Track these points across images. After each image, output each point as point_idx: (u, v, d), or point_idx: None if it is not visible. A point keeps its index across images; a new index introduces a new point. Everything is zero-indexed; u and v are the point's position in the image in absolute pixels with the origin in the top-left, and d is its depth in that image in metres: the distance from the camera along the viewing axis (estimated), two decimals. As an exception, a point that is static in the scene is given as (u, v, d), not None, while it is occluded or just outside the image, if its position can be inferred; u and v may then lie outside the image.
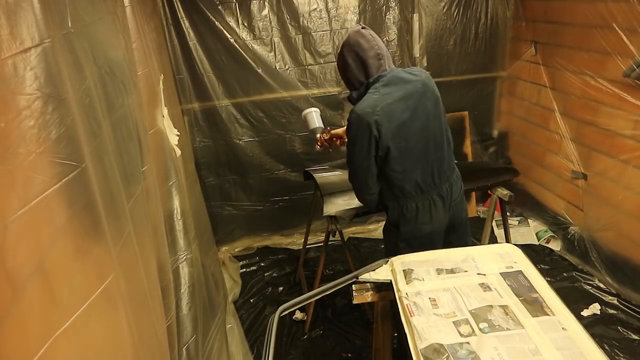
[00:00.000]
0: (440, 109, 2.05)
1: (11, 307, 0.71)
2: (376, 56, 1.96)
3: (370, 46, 1.96)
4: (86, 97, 0.99)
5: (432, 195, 2.06)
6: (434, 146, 2.02)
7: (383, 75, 1.96)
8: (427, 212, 2.06)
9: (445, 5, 3.54)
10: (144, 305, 1.19)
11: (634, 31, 2.50)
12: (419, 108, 1.96)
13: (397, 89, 1.94)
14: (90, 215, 0.94)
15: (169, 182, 1.90)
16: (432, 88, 2.02)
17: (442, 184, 2.07)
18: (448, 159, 2.08)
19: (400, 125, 1.93)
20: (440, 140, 2.04)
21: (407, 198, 2.04)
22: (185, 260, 1.88)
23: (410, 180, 2.00)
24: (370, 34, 1.99)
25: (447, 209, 2.09)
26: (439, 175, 2.05)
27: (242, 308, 3.12)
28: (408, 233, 2.09)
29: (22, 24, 0.79)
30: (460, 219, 2.19)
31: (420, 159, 2.00)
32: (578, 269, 3.20)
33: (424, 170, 2.01)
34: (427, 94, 1.99)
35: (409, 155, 1.97)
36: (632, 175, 2.71)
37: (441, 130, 2.04)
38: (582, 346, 1.30)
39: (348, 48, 1.99)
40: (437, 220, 2.08)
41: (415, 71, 2.04)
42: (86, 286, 0.91)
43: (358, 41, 1.97)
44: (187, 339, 1.77)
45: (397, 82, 1.95)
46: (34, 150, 0.79)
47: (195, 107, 3.45)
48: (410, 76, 1.99)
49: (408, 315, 1.46)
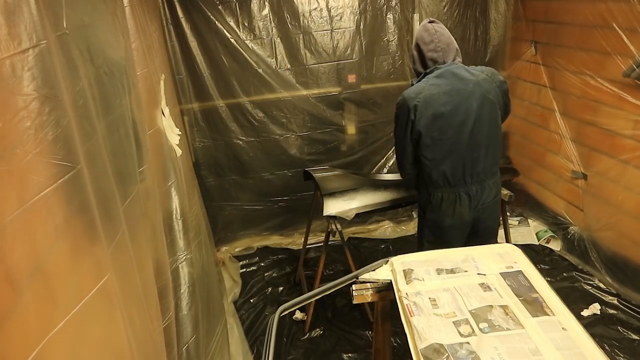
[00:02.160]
0: (490, 113, 2.08)
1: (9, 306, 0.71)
2: (435, 49, 2.08)
3: (430, 40, 2.09)
4: (80, 99, 0.99)
5: (459, 191, 2.14)
6: (471, 145, 2.08)
7: (438, 68, 2.08)
8: (451, 205, 2.15)
9: (446, 5, 3.54)
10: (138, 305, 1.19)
11: (634, 31, 2.50)
12: (462, 105, 2.04)
13: (447, 82, 2.04)
14: (86, 215, 0.94)
15: (168, 181, 1.90)
16: (486, 90, 2.06)
17: (472, 183, 2.13)
18: (485, 163, 2.13)
19: (438, 116, 2.03)
20: (479, 142, 2.09)
21: (435, 187, 2.16)
22: (185, 260, 1.88)
23: (438, 171, 2.10)
24: (434, 27, 2.10)
25: (472, 209, 2.16)
26: (470, 174, 2.12)
27: (242, 308, 3.12)
28: (431, 220, 2.22)
29: (20, 25, 0.79)
30: (486, 225, 2.25)
31: (452, 153, 2.08)
32: (578, 269, 3.19)
33: (454, 165, 2.09)
34: (477, 93, 2.04)
35: (441, 146, 2.07)
36: (632, 175, 2.71)
37: (482, 133, 2.09)
38: (582, 346, 1.30)
39: (415, 41, 2.16)
40: (460, 216, 2.16)
41: (476, 71, 2.11)
42: (83, 285, 0.91)
43: (422, 35, 2.12)
44: (187, 339, 1.77)
45: (449, 77, 2.05)
46: (31, 151, 0.79)
47: (195, 107, 3.45)
48: (466, 74, 2.06)
49: (408, 315, 1.46)
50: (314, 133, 3.65)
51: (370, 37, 3.50)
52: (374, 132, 3.77)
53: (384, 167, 3.84)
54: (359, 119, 3.72)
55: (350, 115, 3.69)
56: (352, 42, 3.48)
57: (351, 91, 3.61)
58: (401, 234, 3.87)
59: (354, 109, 3.69)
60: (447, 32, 2.13)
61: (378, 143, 3.80)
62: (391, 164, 3.84)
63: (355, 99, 3.64)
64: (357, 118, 3.72)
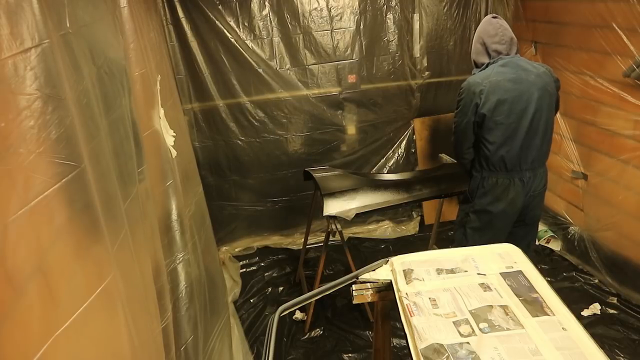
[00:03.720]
0: (548, 104, 2.20)
1: (11, 307, 0.71)
2: (500, 42, 2.21)
3: (495, 33, 2.22)
4: (84, 98, 0.99)
5: (514, 177, 2.23)
6: (529, 132, 2.18)
7: (502, 59, 2.21)
8: (505, 189, 2.24)
9: (446, 6, 3.54)
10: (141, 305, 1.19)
11: (634, 31, 2.50)
12: (525, 94, 2.14)
13: (512, 71, 2.16)
14: (89, 215, 0.94)
15: (166, 182, 1.89)
16: (546, 82, 2.19)
17: (526, 170, 2.23)
18: (538, 152, 2.24)
19: (503, 101, 2.14)
20: (537, 130, 2.20)
21: (491, 171, 2.25)
22: (183, 261, 1.87)
23: (497, 154, 2.21)
24: (499, 22, 2.24)
25: (524, 195, 2.25)
26: (525, 160, 2.21)
27: (242, 308, 3.12)
28: (481, 205, 2.30)
29: (22, 24, 0.79)
30: (533, 214, 2.37)
31: (512, 138, 2.18)
32: (578, 269, 3.19)
33: (512, 150, 2.18)
34: (538, 84, 2.16)
35: (502, 131, 2.17)
36: (632, 175, 2.71)
37: (541, 122, 2.20)
38: (582, 346, 1.30)
39: (477, 34, 2.29)
40: (513, 201, 2.25)
41: (536, 64, 2.24)
42: (86, 286, 0.91)
43: (486, 28, 2.25)
44: (185, 340, 1.77)
45: (513, 67, 2.18)
46: (34, 150, 0.79)
47: (195, 107, 3.45)
48: (528, 66, 2.20)
49: (408, 315, 1.46)
50: (314, 133, 3.65)
51: (370, 37, 3.50)
52: (374, 132, 3.77)
53: (384, 167, 3.84)
54: (359, 119, 3.73)
55: (350, 115, 3.69)
56: (352, 42, 3.48)
57: (351, 91, 3.61)
58: (401, 234, 3.87)
59: (354, 109, 3.69)
60: (509, 28, 2.26)
61: (378, 143, 3.80)
62: (391, 164, 3.84)
63: (355, 99, 3.64)
64: (357, 118, 3.72)
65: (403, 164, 3.85)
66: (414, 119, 3.81)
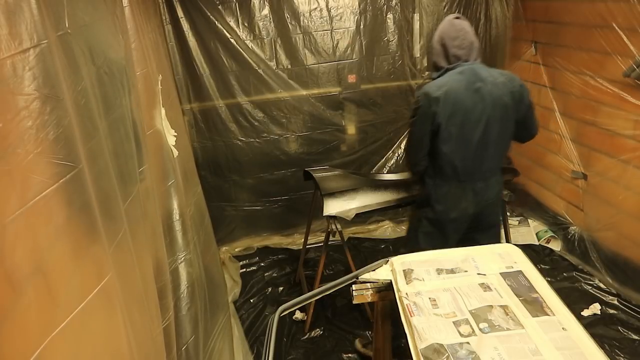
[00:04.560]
0: (503, 115, 2.12)
1: (9, 306, 0.71)
2: (459, 46, 2.12)
3: (456, 36, 2.12)
4: (82, 98, 0.99)
5: (466, 187, 2.20)
6: (482, 143, 2.14)
7: (461, 65, 2.12)
8: (456, 199, 2.22)
9: (446, 6, 3.54)
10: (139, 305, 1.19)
11: (634, 31, 2.50)
12: (479, 104, 2.09)
13: (468, 80, 2.10)
14: (88, 215, 0.94)
15: (168, 182, 1.89)
16: (502, 92, 2.10)
17: (478, 180, 2.20)
18: (490, 162, 2.20)
19: (457, 111, 2.09)
20: (490, 141, 2.15)
21: (444, 180, 2.22)
22: (184, 260, 1.87)
23: (450, 163, 2.17)
24: (461, 24, 2.14)
25: (475, 204, 2.23)
26: (478, 170, 2.19)
27: (242, 308, 3.12)
28: (433, 212, 2.27)
29: (21, 24, 0.79)
30: (489, 220, 2.34)
31: (465, 149, 2.15)
32: (578, 269, 3.19)
33: (464, 160, 2.16)
34: (494, 94, 2.09)
35: (456, 140, 2.13)
36: (632, 175, 2.71)
37: (494, 133, 2.14)
38: (582, 346, 1.30)
39: (438, 34, 2.18)
40: (464, 210, 2.23)
41: (496, 73, 2.15)
42: (84, 285, 0.91)
43: (447, 30, 2.15)
44: (186, 340, 1.77)
45: (470, 75, 2.10)
46: (32, 151, 0.79)
47: (194, 107, 3.45)
48: (486, 74, 2.11)
49: (408, 315, 1.46)
50: (314, 133, 3.65)
51: (370, 37, 3.50)
52: (374, 132, 3.77)
53: (384, 167, 3.84)
54: (359, 119, 3.72)
55: (350, 115, 3.69)
56: (352, 42, 3.48)
57: (351, 91, 3.61)
58: (401, 234, 3.86)
59: (354, 109, 3.69)
60: (472, 30, 2.17)
61: (378, 143, 3.80)
62: (391, 164, 3.84)
63: (355, 99, 3.64)
64: (357, 118, 3.72)
65: (403, 164, 3.84)
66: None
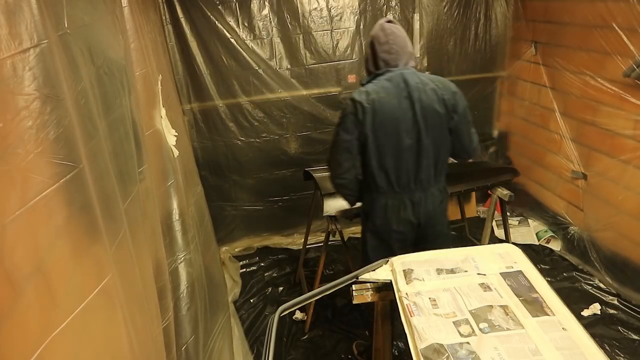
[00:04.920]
0: (437, 123, 2.02)
1: (10, 307, 0.71)
2: (388, 51, 2.02)
3: (385, 41, 2.02)
4: (82, 98, 0.99)
5: (404, 198, 2.09)
6: (415, 153, 2.03)
7: (390, 71, 2.02)
8: (395, 211, 2.11)
9: (446, 5, 3.54)
10: (140, 305, 1.19)
11: (634, 31, 2.50)
12: (409, 112, 1.99)
13: (396, 87, 1.99)
14: (88, 215, 0.94)
15: (168, 182, 1.90)
16: (432, 100, 1.99)
17: (416, 190, 2.09)
18: (429, 171, 2.07)
19: (385, 121, 1.98)
20: (424, 150, 2.03)
21: (379, 192, 2.11)
22: (184, 260, 1.87)
23: (382, 176, 2.06)
24: (391, 28, 2.04)
25: (416, 216, 2.11)
26: (414, 181, 2.07)
27: (242, 308, 3.12)
28: (374, 226, 2.17)
29: (21, 24, 0.79)
30: (435, 231, 2.20)
31: (397, 159, 2.03)
32: (578, 269, 3.19)
33: (398, 171, 2.05)
34: (423, 101, 1.98)
35: (386, 151, 2.02)
36: (632, 175, 2.71)
37: (428, 142, 2.02)
38: (582, 346, 1.30)
39: (369, 38, 2.10)
40: (405, 222, 2.12)
41: (426, 79, 2.04)
42: (84, 286, 0.91)
43: (377, 34, 2.05)
44: (186, 340, 1.77)
45: (399, 82, 1.99)
46: (33, 151, 0.79)
47: (194, 107, 3.45)
48: (416, 81, 2.00)
49: (408, 315, 1.46)
50: (314, 133, 3.65)
51: (370, 37, 3.50)
52: (374, 132, 3.77)
53: (384, 167, 3.84)
54: (359, 119, 3.72)
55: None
56: (352, 42, 3.48)
57: (351, 91, 3.60)
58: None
59: (354, 109, 3.68)
60: (404, 34, 2.07)
61: (378, 143, 3.80)
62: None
63: (355, 99, 3.64)
64: (357, 118, 3.72)
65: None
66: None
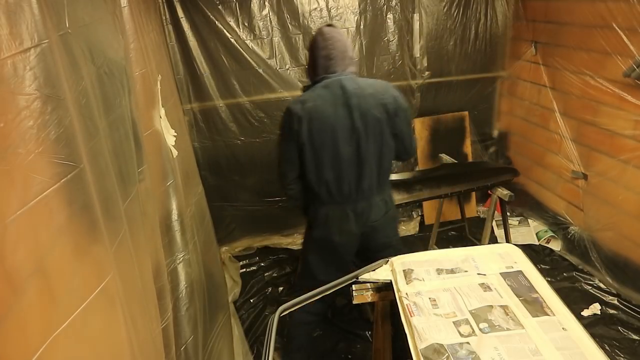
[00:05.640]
0: (374, 130, 1.97)
1: (10, 307, 0.71)
2: (326, 57, 1.96)
3: (324, 46, 1.96)
4: (83, 98, 0.99)
5: (346, 208, 2.05)
6: (354, 162, 1.99)
7: (328, 77, 1.97)
8: (336, 222, 2.06)
9: (446, 5, 3.54)
10: (140, 305, 1.19)
11: (634, 31, 2.50)
12: (345, 119, 1.94)
13: (332, 94, 1.94)
14: (88, 215, 0.94)
15: (167, 182, 1.89)
16: (371, 105, 1.94)
17: (358, 200, 2.05)
18: (370, 180, 2.02)
19: (321, 130, 1.93)
20: (364, 158, 1.99)
21: (321, 203, 2.07)
22: (183, 260, 1.87)
23: (321, 186, 2.02)
24: (330, 33, 1.97)
25: (359, 226, 2.07)
26: (356, 190, 2.03)
27: (242, 308, 3.12)
28: (318, 235, 2.13)
29: (22, 24, 0.79)
30: (378, 243, 2.16)
31: (335, 169, 1.98)
32: (578, 269, 3.19)
33: (338, 180, 2.00)
34: (362, 108, 1.93)
35: (326, 161, 1.97)
36: (632, 175, 2.71)
37: (369, 150, 1.98)
38: (582, 346, 1.30)
39: (309, 44, 2.05)
40: (348, 233, 2.08)
41: (364, 84, 1.98)
42: (85, 286, 0.91)
43: (316, 39, 2.01)
44: (185, 340, 1.77)
45: (336, 89, 1.94)
46: (33, 151, 0.79)
47: (194, 107, 3.45)
48: (353, 87, 1.94)
49: (408, 315, 1.46)
50: (314, 133, 3.64)
51: (370, 37, 3.50)
52: (374, 132, 3.77)
53: (384, 167, 3.84)
54: (359, 119, 3.72)
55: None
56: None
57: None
58: (401, 234, 3.86)
59: (354, 109, 3.68)
60: (344, 39, 2.01)
61: (378, 143, 3.80)
62: (391, 164, 3.84)
63: (355, 99, 3.64)
64: (357, 118, 3.72)
65: (403, 164, 3.85)
66: (414, 119, 3.81)
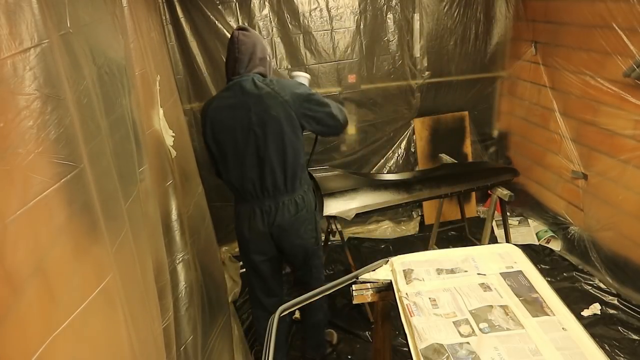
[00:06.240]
0: (274, 129, 1.99)
1: (10, 307, 0.71)
2: (233, 59, 2.02)
3: (232, 49, 2.02)
4: (84, 98, 0.99)
5: (254, 207, 2.11)
6: (256, 161, 2.03)
7: (232, 79, 2.03)
8: (246, 218, 2.14)
9: (446, 5, 3.54)
10: (141, 305, 1.19)
11: (634, 31, 2.50)
12: (243, 120, 1.99)
13: (232, 96, 2.00)
14: (89, 215, 0.94)
15: (167, 182, 1.90)
16: (267, 106, 1.96)
17: (265, 199, 2.09)
18: (278, 180, 2.06)
19: (222, 131, 2.03)
20: (266, 158, 2.02)
21: (235, 200, 2.18)
22: (183, 260, 1.87)
23: (232, 184, 2.11)
24: (239, 37, 2.00)
25: (266, 225, 2.11)
26: (260, 190, 2.08)
27: (242, 308, 3.12)
28: (236, 231, 2.22)
29: (22, 24, 0.79)
30: (291, 245, 2.18)
31: (239, 168, 2.06)
32: (578, 269, 3.19)
33: (242, 180, 2.07)
34: (258, 108, 1.97)
35: (229, 160, 2.06)
36: (632, 175, 2.71)
37: (271, 149, 2.01)
38: (582, 346, 1.30)
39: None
40: (255, 231, 2.13)
41: (263, 84, 1.99)
42: (85, 286, 0.91)
43: (228, 42, 2.06)
44: (185, 340, 1.77)
45: (236, 90, 2.00)
46: (33, 150, 0.79)
47: (194, 107, 3.45)
48: (251, 88, 1.97)
49: (408, 315, 1.46)
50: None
51: (370, 37, 3.50)
52: (374, 132, 3.77)
53: (384, 167, 3.84)
54: (359, 119, 3.72)
55: (350, 115, 3.68)
56: (352, 42, 3.48)
57: (351, 91, 3.61)
58: (401, 234, 3.86)
59: (354, 109, 3.69)
60: (254, 40, 2.02)
61: (378, 143, 3.80)
62: (391, 164, 3.84)
63: (355, 99, 3.64)
64: (357, 118, 3.72)
65: (403, 164, 3.85)
66: (414, 119, 3.81)
